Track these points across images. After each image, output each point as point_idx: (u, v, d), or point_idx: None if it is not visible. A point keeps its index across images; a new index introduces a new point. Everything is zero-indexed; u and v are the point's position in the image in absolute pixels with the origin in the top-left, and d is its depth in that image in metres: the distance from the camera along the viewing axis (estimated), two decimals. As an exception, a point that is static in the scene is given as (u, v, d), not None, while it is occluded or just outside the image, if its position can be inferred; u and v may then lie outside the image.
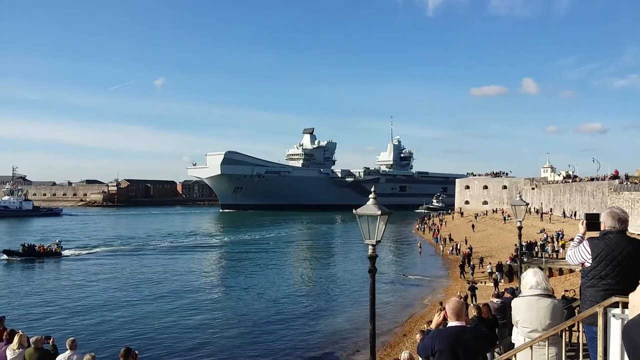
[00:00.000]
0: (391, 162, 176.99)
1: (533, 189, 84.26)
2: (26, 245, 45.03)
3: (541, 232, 47.07)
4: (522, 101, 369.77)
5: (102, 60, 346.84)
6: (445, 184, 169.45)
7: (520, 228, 16.49)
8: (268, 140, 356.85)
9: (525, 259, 33.25)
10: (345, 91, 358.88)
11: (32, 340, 9.98)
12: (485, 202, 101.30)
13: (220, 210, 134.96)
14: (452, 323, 4.97)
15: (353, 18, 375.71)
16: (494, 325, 9.72)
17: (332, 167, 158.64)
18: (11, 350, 9.89)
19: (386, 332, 22.68)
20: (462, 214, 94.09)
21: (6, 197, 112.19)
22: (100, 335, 21.23)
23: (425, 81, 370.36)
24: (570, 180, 72.10)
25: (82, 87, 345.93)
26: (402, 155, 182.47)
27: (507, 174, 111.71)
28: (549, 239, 40.85)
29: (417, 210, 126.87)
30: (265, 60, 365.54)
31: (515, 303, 5.12)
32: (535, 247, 37.85)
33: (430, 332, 5.40)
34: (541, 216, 62.16)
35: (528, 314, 4.88)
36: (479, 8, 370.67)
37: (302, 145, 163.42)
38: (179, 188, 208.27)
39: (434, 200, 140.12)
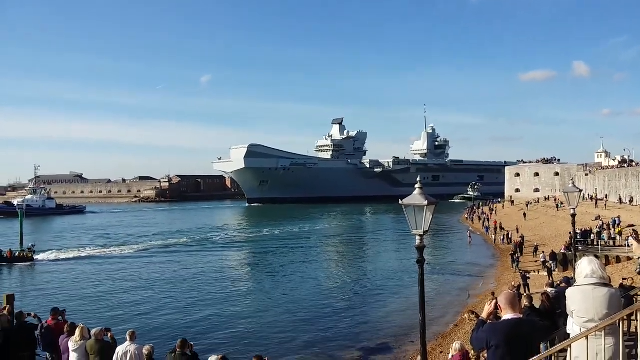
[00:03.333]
0: (425, 151, 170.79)
1: (587, 175, 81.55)
2: None
3: (596, 219, 45.56)
4: (573, 85, 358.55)
5: (149, 59, 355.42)
6: (482, 172, 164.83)
7: (574, 215, 16.05)
8: (304, 132, 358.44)
9: (580, 247, 32.32)
10: (380, 81, 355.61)
11: (92, 332, 10.38)
12: (536, 190, 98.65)
13: (247, 205, 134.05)
14: (506, 315, 4.89)
15: (391, 6, 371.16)
16: (550, 315, 9.51)
17: (363, 158, 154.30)
18: (73, 342, 10.30)
19: (437, 323, 22.46)
20: (512, 202, 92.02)
21: (29, 196, 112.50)
22: (152, 328, 21.79)
23: (469, 68, 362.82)
24: (626, 165, 69.36)
25: (131, 86, 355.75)
26: (436, 143, 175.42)
27: (558, 160, 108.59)
28: (605, 226, 39.47)
29: (451, 201, 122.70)
30: (302, 52, 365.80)
31: (570, 292, 4.99)
32: (591, 235, 36.66)
33: (483, 323, 5.31)
34: (596, 203, 60.06)
35: (584, 303, 4.74)
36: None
37: (331, 136, 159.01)
38: (228, 182, 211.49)
39: (469, 190, 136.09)
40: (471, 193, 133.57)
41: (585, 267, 4.87)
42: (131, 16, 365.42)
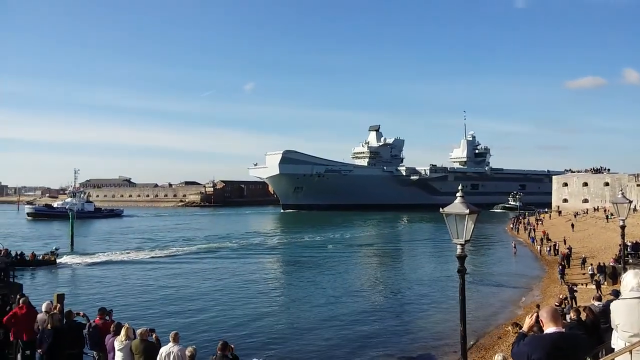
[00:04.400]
0: (465, 159, 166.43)
1: (638, 185, 78.80)
2: (17, 253, 39.84)
3: (649, 231, 43.97)
4: (624, 92, 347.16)
5: (194, 67, 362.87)
6: (523, 181, 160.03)
7: (623, 227, 15.56)
8: (344, 139, 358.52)
9: (630, 260, 31.23)
10: (421, 87, 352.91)
11: (138, 332, 10.66)
12: (585, 200, 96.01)
13: (282, 211, 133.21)
14: (548, 329, 4.81)
15: (433, 9, 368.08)
16: (594, 328, 9.25)
17: (399, 165, 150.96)
18: (119, 342, 10.60)
19: (480, 334, 22.09)
20: (559, 212, 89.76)
21: (69, 199, 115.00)
22: (195, 330, 22.15)
23: (514, 75, 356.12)
24: (681, 176, 66.68)
25: (178, 93, 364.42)
26: (476, 151, 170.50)
27: (608, 169, 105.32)
28: (658, 239, 38.02)
29: (491, 210, 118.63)
30: (341, 58, 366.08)
31: (614, 306, 4.88)
32: (643, 248, 35.40)
33: (524, 336, 5.24)
34: (648, 214, 57.98)
35: (628, 317, 4.63)
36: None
37: (368, 142, 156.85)
38: (270, 188, 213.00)
39: (510, 199, 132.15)
40: (512, 202, 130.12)
41: (631, 280, 4.76)
42: (178, 23, 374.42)
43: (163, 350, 9.92)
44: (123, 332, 10.66)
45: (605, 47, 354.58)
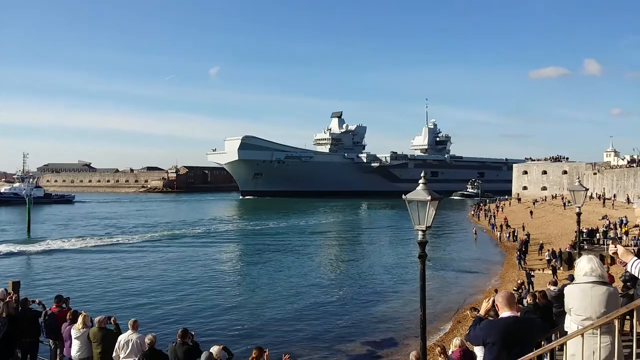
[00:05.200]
0: (426, 147, 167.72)
1: (595, 174, 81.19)
2: None
3: (603, 218, 45.35)
4: (585, 83, 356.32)
5: (158, 51, 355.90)
6: (482, 169, 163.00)
7: (579, 214, 15.99)
8: (309, 126, 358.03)
9: (585, 246, 32.22)
10: (385, 76, 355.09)
11: (95, 320, 10.48)
12: (544, 188, 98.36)
13: (240, 197, 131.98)
14: (503, 313, 4.90)
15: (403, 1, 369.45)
16: (548, 312, 9.50)
17: (360, 152, 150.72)
18: (76, 330, 10.41)
19: (440, 319, 22.49)
20: (519, 199, 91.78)
21: (17, 184, 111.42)
22: (154, 318, 21.92)
23: (478, 64, 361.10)
24: (635, 165, 68.94)
25: (139, 77, 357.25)
26: (437, 139, 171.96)
27: (567, 158, 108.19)
28: (612, 226, 39.30)
29: (450, 198, 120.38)
30: (307, 46, 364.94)
31: (568, 290, 4.97)
32: (597, 234, 36.54)
33: (480, 320, 5.33)
34: (603, 202, 59.79)
35: (582, 301, 4.73)
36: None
37: (330, 129, 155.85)
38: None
39: (469, 186, 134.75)
40: (471, 190, 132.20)
41: (585, 265, 4.85)
42: (140, 7, 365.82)
43: (121, 338, 9.78)
44: (80, 319, 10.46)
45: (569, 37, 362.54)
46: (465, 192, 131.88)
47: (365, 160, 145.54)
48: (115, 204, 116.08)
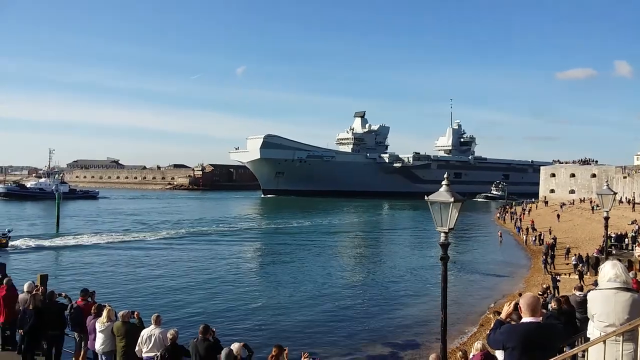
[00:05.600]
0: (450, 147, 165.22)
1: (625, 177, 79.51)
2: None
3: (632, 223, 44.42)
4: (614, 85, 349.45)
5: (187, 50, 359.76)
6: (506, 171, 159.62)
7: (607, 218, 15.71)
8: (330, 125, 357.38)
9: (613, 251, 31.59)
10: (410, 75, 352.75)
11: (119, 314, 10.64)
12: (572, 191, 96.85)
13: (262, 196, 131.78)
14: (526, 318, 4.84)
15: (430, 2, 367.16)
16: (571, 318, 9.35)
17: (383, 152, 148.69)
18: (100, 323, 10.58)
19: (463, 321, 22.29)
20: (546, 202, 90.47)
21: (42, 180, 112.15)
22: (177, 313, 22.15)
23: (505, 66, 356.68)
24: (667, 169, 67.33)
25: (167, 75, 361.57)
26: (462, 140, 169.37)
27: (596, 161, 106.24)
28: (641, 231, 38.46)
29: (474, 200, 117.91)
30: (332, 45, 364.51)
31: (591, 296, 4.91)
32: (625, 239, 35.81)
33: (501, 324, 5.27)
34: (633, 206, 58.53)
35: (605, 307, 4.66)
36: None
37: (353, 129, 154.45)
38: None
39: (493, 188, 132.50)
40: (495, 192, 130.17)
41: (609, 270, 4.77)
42: (170, 5, 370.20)
43: (144, 333, 9.90)
44: (105, 313, 10.64)
45: (597, 38, 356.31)
46: (490, 194, 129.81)
47: (387, 161, 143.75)
48: (141, 200, 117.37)
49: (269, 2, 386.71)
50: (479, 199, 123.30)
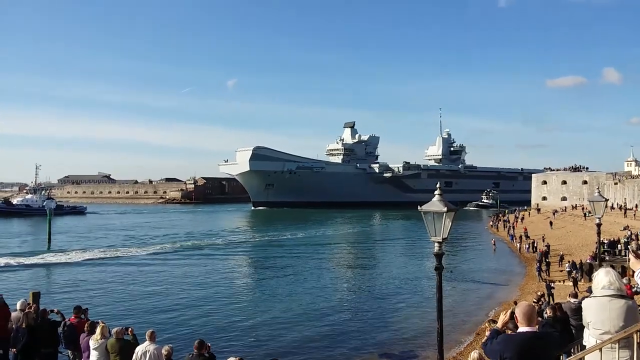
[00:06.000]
0: (440, 157, 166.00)
1: (616, 184, 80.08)
2: None
3: (625, 229, 44.67)
4: (604, 92, 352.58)
5: (178, 63, 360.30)
6: (497, 179, 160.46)
7: (599, 225, 15.79)
8: (321, 136, 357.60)
9: (606, 257, 31.74)
10: (403, 85, 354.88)
11: (113, 331, 10.55)
12: (564, 198, 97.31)
13: (252, 208, 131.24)
14: (522, 328, 4.84)
15: (417, 9, 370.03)
16: (565, 325, 9.37)
17: (373, 162, 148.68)
18: (94, 341, 10.49)
19: (459, 331, 22.25)
20: (538, 210, 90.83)
21: (29, 196, 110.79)
22: (171, 329, 21.98)
23: (495, 74, 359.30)
24: (657, 174, 67.83)
25: (158, 89, 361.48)
26: (452, 149, 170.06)
27: (587, 168, 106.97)
28: (633, 236, 38.67)
29: (465, 208, 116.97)
30: (322, 57, 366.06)
31: (586, 303, 4.92)
32: (618, 245, 35.98)
33: (497, 333, 5.26)
34: (625, 212, 58.90)
35: (600, 315, 4.67)
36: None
37: (343, 139, 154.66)
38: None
39: (484, 197, 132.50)
40: (486, 200, 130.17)
41: (602, 278, 4.80)
42: (161, 19, 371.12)
43: (139, 349, 9.82)
44: (98, 330, 10.55)
45: (586, 46, 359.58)
46: (481, 203, 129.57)
47: (377, 171, 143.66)
48: (130, 215, 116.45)
49: (259, 14, 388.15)
50: (470, 208, 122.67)
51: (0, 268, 38.01)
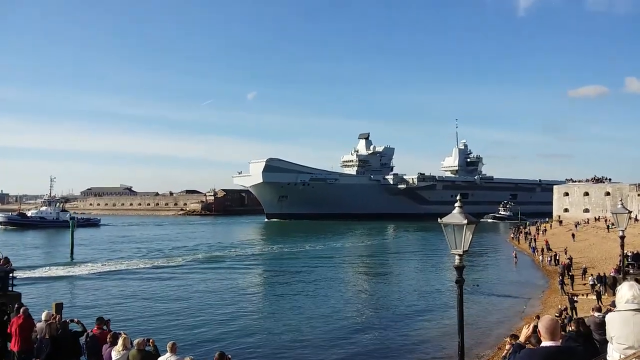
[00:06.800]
0: (456, 168, 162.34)
1: (639, 195, 78.74)
2: None
3: (650, 241, 43.85)
4: (626, 101, 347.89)
5: (199, 75, 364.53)
6: (514, 191, 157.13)
7: (622, 237, 15.57)
8: (339, 147, 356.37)
9: (631, 271, 31.15)
10: (420, 95, 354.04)
11: (135, 342, 10.64)
12: (586, 210, 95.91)
13: (266, 220, 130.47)
14: (545, 342, 4.79)
15: (437, 19, 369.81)
16: (588, 339, 9.23)
17: (387, 174, 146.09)
18: (116, 352, 10.57)
19: (480, 345, 22.01)
20: (560, 222, 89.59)
21: (43, 208, 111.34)
22: (192, 341, 22.09)
23: (516, 84, 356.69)
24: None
25: (180, 101, 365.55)
26: (468, 160, 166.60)
27: (610, 179, 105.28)
28: (659, 249, 37.90)
29: (482, 220, 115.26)
30: (338, 67, 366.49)
31: (609, 318, 4.87)
32: (643, 258, 35.27)
33: (520, 347, 5.22)
34: (650, 224, 57.85)
35: (623, 329, 4.62)
36: (575, 5, 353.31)
37: (357, 151, 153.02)
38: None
39: (501, 209, 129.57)
40: (503, 212, 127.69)
41: (626, 292, 4.75)
42: (182, 33, 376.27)
43: (161, 360, 9.90)
44: (120, 342, 10.64)
45: (608, 56, 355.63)
46: (498, 215, 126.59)
47: (391, 182, 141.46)
48: (147, 227, 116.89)
49: (278, 26, 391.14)
50: (487, 220, 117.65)
51: (24, 280, 38.50)
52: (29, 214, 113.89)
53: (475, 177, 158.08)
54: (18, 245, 66.59)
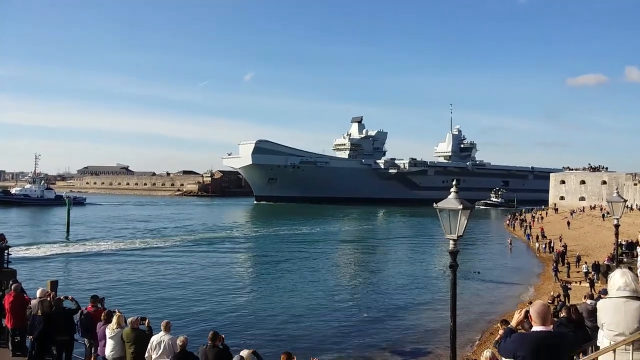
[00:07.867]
0: (450, 154, 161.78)
1: (635, 184, 78.93)
2: None
3: (644, 230, 44.02)
4: (625, 90, 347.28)
5: (196, 55, 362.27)
6: (506, 177, 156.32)
7: (617, 226, 15.61)
8: (332, 131, 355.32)
9: (624, 259, 31.34)
10: (405, 80, 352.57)
11: (129, 320, 10.68)
12: (582, 198, 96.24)
13: (255, 202, 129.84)
14: (536, 327, 4.82)
15: (438, 5, 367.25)
16: (579, 326, 9.30)
17: (380, 159, 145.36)
18: (110, 330, 10.62)
19: (472, 329, 22.17)
20: (556, 210, 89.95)
21: (28, 186, 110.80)
22: (186, 320, 22.19)
23: (515, 71, 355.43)
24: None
25: (178, 82, 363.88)
26: (462, 146, 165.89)
27: (606, 168, 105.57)
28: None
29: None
30: (333, 49, 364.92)
31: (601, 304, 4.89)
32: (637, 247, 35.46)
33: (512, 332, 5.24)
34: (645, 214, 58.11)
35: (614, 316, 4.64)
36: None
37: (350, 134, 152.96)
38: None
39: (492, 195, 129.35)
40: (494, 199, 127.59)
41: (618, 279, 4.76)
42: (180, 13, 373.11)
43: (154, 339, 9.92)
44: (114, 320, 10.68)
45: (608, 44, 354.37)
46: (489, 202, 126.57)
47: (382, 167, 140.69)
48: (132, 206, 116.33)
49: (276, 8, 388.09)
50: (478, 206, 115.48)
51: (20, 258, 38.57)
52: (12, 191, 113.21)
53: (467, 163, 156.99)
54: (4, 222, 66.04)
